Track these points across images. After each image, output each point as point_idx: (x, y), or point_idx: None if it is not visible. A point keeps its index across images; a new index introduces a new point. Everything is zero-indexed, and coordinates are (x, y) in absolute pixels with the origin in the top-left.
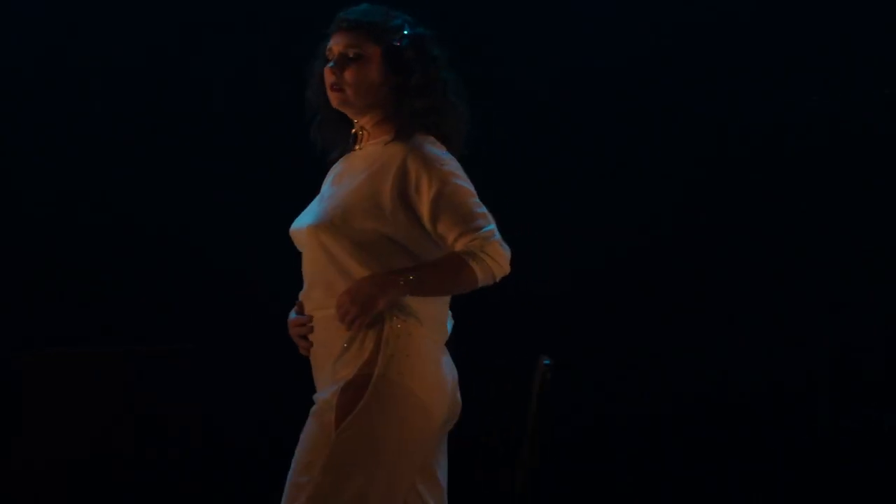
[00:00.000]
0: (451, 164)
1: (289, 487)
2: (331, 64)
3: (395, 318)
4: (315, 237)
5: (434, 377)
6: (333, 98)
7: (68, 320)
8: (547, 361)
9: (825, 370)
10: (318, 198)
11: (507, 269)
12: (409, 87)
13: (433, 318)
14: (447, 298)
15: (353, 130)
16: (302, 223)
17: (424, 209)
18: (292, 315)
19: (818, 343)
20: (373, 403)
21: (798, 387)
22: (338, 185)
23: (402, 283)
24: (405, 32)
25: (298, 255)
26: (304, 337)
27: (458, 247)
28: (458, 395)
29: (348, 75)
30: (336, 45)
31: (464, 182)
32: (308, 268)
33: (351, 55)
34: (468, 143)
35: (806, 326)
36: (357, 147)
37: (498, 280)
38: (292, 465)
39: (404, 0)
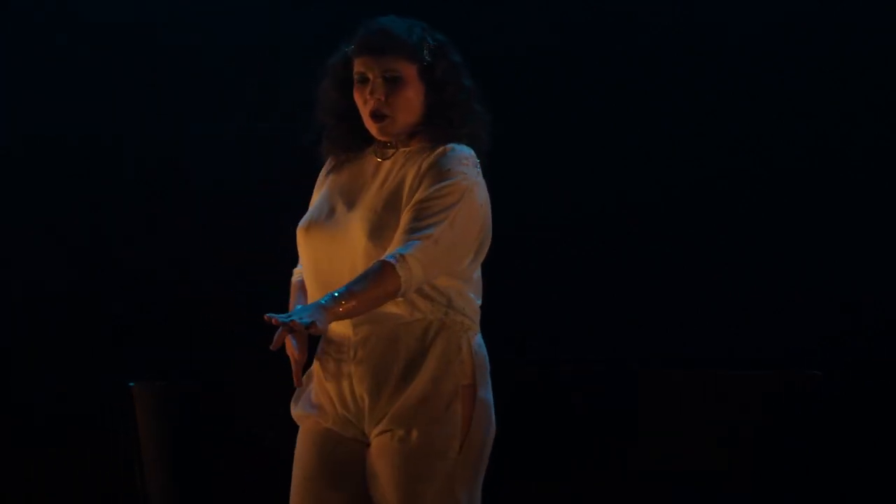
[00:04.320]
0: (471, 188)
1: None
2: (366, 88)
3: (471, 329)
4: (368, 246)
5: (490, 385)
6: (374, 126)
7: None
8: None
9: None
10: (343, 203)
11: (424, 276)
12: (445, 101)
13: (478, 323)
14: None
15: (384, 140)
16: (342, 228)
17: (416, 195)
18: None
19: None
20: (478, 417)
21: None
22: (376, 188)
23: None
24: (430, 43)
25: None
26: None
27: (397, 242)
28: None
29: (393, 101)
30: (368, 69)
31: (463, 203)
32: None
33: (388, 78)
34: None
35: None
36: (381, 158)
37: (415, 287)
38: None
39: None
